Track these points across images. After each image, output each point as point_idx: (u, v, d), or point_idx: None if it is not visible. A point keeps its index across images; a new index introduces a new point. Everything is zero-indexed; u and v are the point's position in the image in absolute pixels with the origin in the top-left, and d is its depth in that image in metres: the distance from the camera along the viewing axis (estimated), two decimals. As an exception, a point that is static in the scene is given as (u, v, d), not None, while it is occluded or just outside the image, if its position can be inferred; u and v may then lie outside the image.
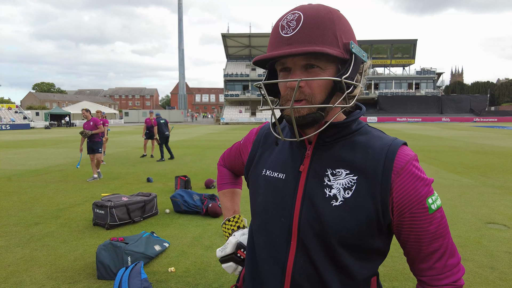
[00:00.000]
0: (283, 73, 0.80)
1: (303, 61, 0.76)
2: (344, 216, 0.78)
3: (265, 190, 0.90)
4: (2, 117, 36.95)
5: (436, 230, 0.77)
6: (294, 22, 0.75)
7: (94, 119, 7.73)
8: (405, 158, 0.79)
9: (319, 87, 0.76)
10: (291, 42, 0.74)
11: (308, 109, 0.76)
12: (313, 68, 0.76)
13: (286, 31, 0.76)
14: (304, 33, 0.74)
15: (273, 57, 0.75)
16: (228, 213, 1.18)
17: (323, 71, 0.77)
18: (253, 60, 0.80)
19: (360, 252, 0.81)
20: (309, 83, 0.76)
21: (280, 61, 0.79)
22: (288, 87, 0.78)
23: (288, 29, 0.75)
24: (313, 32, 0.74)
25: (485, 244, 3.72)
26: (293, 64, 0.77)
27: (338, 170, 0.82)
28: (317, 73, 0.76)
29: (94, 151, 7.57)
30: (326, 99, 0.78)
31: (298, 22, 0.75)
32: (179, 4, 59.53)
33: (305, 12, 0.76)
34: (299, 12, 0.76)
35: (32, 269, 3.21)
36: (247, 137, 1.09)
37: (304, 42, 0.74)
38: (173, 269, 3.19)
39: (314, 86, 0.76)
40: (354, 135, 0.85)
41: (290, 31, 0.75)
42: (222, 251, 1.07)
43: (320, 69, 0.76)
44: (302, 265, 0.81)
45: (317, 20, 0.75)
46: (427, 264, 0.80)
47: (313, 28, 0.74)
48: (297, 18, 0.75)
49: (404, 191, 0.76)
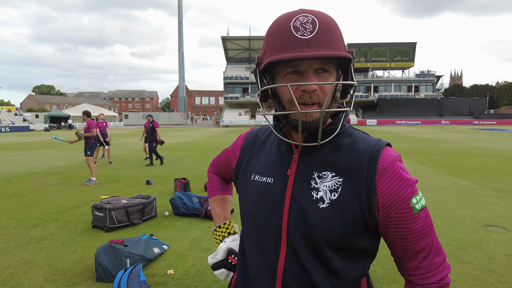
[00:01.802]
0: (292, 76, 0.77)
1: (317, 65, 0.76)
2: (331, 218, 0.79)
3: (254, 194, 0.91)
4: (2, 119, 36.94)
5: (421, 229, 0.79)
6: (310, 25, 0.74)
7: (89, 122, 7.72)
8: (389, 159, 0.80)
9: (330, 92, 0.76)
10: (310, 44, 0.73)
11: (319, 113, 0.76)
12: (324, 73, 0.77)
13: (303, 33, 0.74)
14: (322, 37, 0.74)
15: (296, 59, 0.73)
16: (219, 220, 1.18)
17: (331, 75, 0.78)
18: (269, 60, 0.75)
19: (348, 253, 0.82)
20: (321, 87, 0.76)
21: (293, 63, 0.76)
22: (302, 90, 0.76)
23: (305, 31, 0.74)
24: (329, 37, 0.75)
25: (484, 246, 3.72)
26: (307, 68, 0.76)
27: (324, 173, 0.83)
28: (326, 77, 0.77)
29: (84, 154, 7.64)
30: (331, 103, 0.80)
31: (314, 25, 0.74)
32: (179, 7, 59.70)
33: (317, 16, 0.76)
34: (311, 16, 0.75)
35: (31, 271, 3.21)
36: (235, 143, 1.09)
37: (322, 45, 0.74)
38: (172, 271, 3.19)
39: (326, 90, 0.77)
40: (339, 137, 0.86)
41: (307, 34, 0.74)
42: (213, 258, 1.07)
43: (329, 73, 0.78)
44: (292, 267, 0.82)
45: (330, 26, 0.76)
46: (413, 264, 0.81)
47: (329, 33, 0.75)
48: (312, 21, 0.75)
49: (389, 191, 0.78)
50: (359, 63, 55.92)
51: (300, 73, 0.78)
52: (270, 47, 0.80)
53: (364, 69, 56.76)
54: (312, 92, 0.76)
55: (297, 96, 0.77)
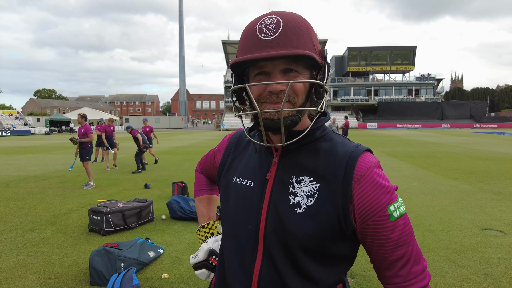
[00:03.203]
0: (261, 77, 0.78)
1: (283, 65, 0.75)
2: (307, 224, 0.78)
3: (234, 197, 0.91)
4: (3, 123, 37.06)
5: (399, 237, 0.76)
6: (273, 25, 0.74)
7: (86, 126, 7.47)
8: (366, 165, 0.78)
9: (300, 90, 0.76)
10: (272, 45, 0.73)
11: (289, 111, 0.76)
12: (292, 73, 0.76)
13: (266, 34, 0.74)
14: (285, 36, 0.73)
15: (255, 59, 0.73)
16: (203, 220, 1.18)
17: (301, 75, 0.77)
18: (232, 62, 0.77)
19: (324, 259, 0.81)
20: (292, 85, 0.75)
21: (259, 64, 0.76)
22: (268, 90, 0.76)
23: (268, 32, 0.74)
24: (294, 36, 0.74)
25: (481, 250, 3.70)
26: (273, 68, 0.76)
27: (302, 178, 0.82)
28: (295, 77, 0.76)
29: (82, 159, 7.41)
30: (304, 103, 0.78)
31: (278, 26, 0.74)
32: (179, 11, 60.02)
33: (283, 17, 0.76)
34: (276, 17, 0.75)
35: (25, 275, 3.20)
36: (220, 143, 1.09)
37: (286, 45, 0.73)
38: (166, 275, 3.18)
39: (297, 88, 0.76)
40: (318, 142, 0.85)
41: (271, 34, 0.74)
42: (195, 258, 1.07)
43: (298, 73, 0.76)
44: (268, 272, 0.82)
45: (296, 26, 0.75)
46: (391, 272, 0.79)
47: (293, 32, 0.74)
48: (276, 22, 0.74)
49: (365, 198, 0.76)
50: (359, 66, 56.05)
51: (267, 74, 0.77)
52: (239, 49, 0.81)
53: (364, 72, 56.87)
54: (279, 92, 0.75)
55: (265, 96, 0.77)
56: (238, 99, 0.86)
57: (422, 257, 0.81)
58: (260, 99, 0.78)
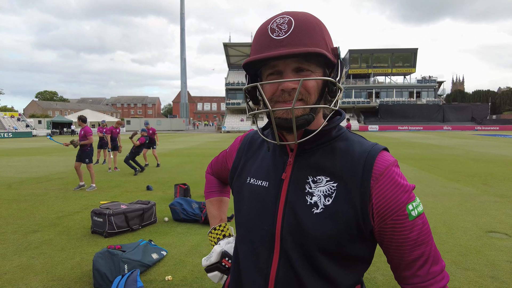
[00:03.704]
0: (273, 77, 0.79)
1: (295, 64, 0.76)
2: (325, 224, 0.77)
3: (248, 198, 0.90)
4: (5, 125, 37.16)
5: (417, 237, 0.76)
6: (285, 25, 0.75)
7: (85, 128, 7.40)
8: (384, 164, 0.78)
9: (313, 88, 0.77)
10: (284, 44, 0.74)
11: (303, 110, 0.76)
12: (304, 72, 0.76)
13: (278, 34, 0.75)
14: (297, 35, 0.74)
15: (268, 58, 0.73)
16: (215, 222, 1.17)
17: (313, 73, 0.77)
18: (244, 62, 0.78)
19: (342, 260, 0.80)
20: (304, 83, 0.75)
21: (271, 64, 0.77)
22: (281, 89, 0.76)
23: (280, 32, 0.75)
24: (305, 35, 0.74)
25: (486, 253, 3.68)
26: (285, 67, 0.76)
27: (318, 177, 0.81)
28: (308, 75, 0.76)
29: (81, 160, 7.35)
30: (317, 101, 0.78)
31: (289, 25, 0.75)
32: (181, 13, 60.25)
33: (294, 16, 0.76)
34: (288, 17, 0.76)
35: (28, 277, 3.19)
36: (232, 145, 1.09)
37: (297, 44, 0.73)
38: (170, 277, 3.17)
39: (309, 86, 0.76)
40: (334, 141, 0.84)
41: (282, 34, 0.74)
42: (207, 260, 1.06)
43: (311, 72, 0.77)
44: (285, 274, 0.80)
45: (308, 25, 0.76)
46: (409, 272, 0.78)
47: (305, 31, 0.75)
48: (288, 22, 0.75)
49: (384, 197, 0.75)
50: (360, 69, 56.07)
51: (280, 73, 0.78)
52: (252, 50, 0.82)
53: (365, 75, 56.90)
54: (291, 90, 0.75)
55: (278, 95, 0.78)
56: (252, 99, 0.86)
57: (441, 258, 0.80)
58: (273, 98, 0.78)
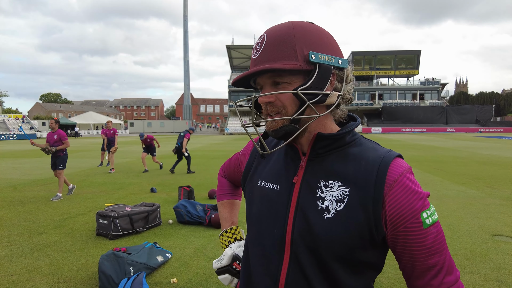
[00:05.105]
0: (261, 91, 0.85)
1: (269, 79, 0.79)
2: (336, 229, 0.77)
3: (259, 201, 0.91)
4: (10, 127, 37.42)
5: (431, 246, 0.75)
6: (259, 44, 0.80)
7: (59, 131, 6.71)
8: (399, 171, 0.77)
9: (288, 100, 0.78)
10: (257, 63, 0.79)
11: (282, 121, 0.79)
12: (280, 85, 0.79)
13: (255, 54, 0.81)
14: (266, 53, 0.78)
15: (241, 78, 0.81)
16: (226, 224, 1.17)
17: (290, 85, 0.78)
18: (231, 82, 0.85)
19: (353, 266, 0.79)
20: (279, 96, 0.79)
21: (257, 80, 0.83)
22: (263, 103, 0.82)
23: (255, 52, 0.81)
24: (273, 50, 0.77)
25: (492, 256, 3.66)
26: (264, 82, 0.81)
27: (330, 182, 0.81)
28: (285, 88, 0.78)
29: (56, 167, 6.70)
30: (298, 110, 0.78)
31: (262, 43, 0.80)
32: (184, 16, 60.47)
33: (268, 32, 0.80)
34: (264, 34, 0.81)
35: (34, 279, 3.21)
36: (245, 148, 1.10)
37: (265, 61, 0.78)
38: (175, 280, 3.17)
39: (283, 99, 0.79)
40: (348, 146, 0.84)
41: (256, 53, 0.80)
42: (218, 262, 1.07)
43: (287, 83, 0.78)
44: (295, 278, 0.81)
45: (277, 39, 0.78)
46: (422, 281, 0.76)
47: (273, 47, 0.78)
48: (262, 40, 0.80)
49: (397, 204, 0.74)
50: (363, 71, 56.04)
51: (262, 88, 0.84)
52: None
53: (368, 77, 56.84)
54: (267, 103, 0.81)
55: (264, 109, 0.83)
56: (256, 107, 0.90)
57: (455, 268, 0.78)
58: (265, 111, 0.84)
